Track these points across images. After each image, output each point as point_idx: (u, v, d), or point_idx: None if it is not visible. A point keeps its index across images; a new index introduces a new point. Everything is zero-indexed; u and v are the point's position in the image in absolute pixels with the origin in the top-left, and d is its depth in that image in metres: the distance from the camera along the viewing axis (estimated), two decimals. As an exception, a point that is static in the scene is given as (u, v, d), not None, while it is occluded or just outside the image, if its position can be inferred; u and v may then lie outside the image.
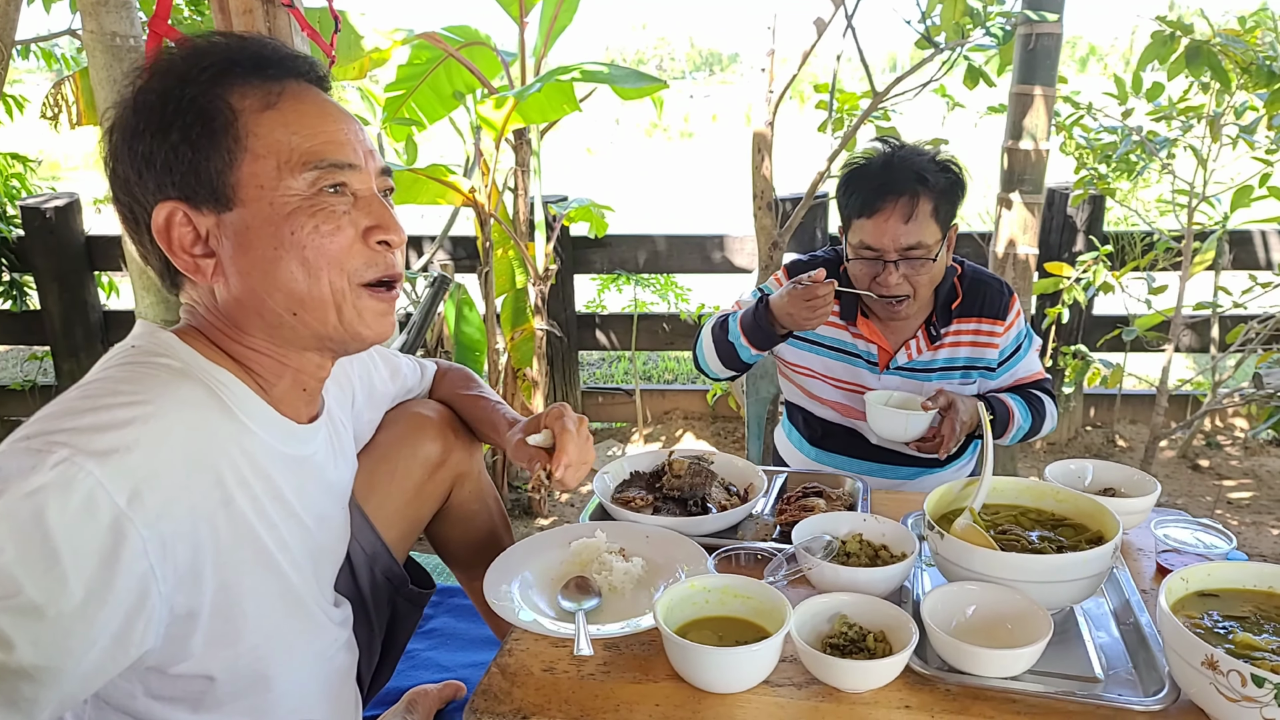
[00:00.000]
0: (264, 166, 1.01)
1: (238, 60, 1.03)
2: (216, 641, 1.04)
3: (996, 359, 2.00)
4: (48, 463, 0.87)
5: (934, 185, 1.83)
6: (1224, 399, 3.46)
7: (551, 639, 1.24)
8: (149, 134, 1.01)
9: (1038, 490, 1.39)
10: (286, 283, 1.03)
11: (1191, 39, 2.72)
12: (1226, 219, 3.60)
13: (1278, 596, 1.13)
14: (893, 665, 1.09)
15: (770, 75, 3.15)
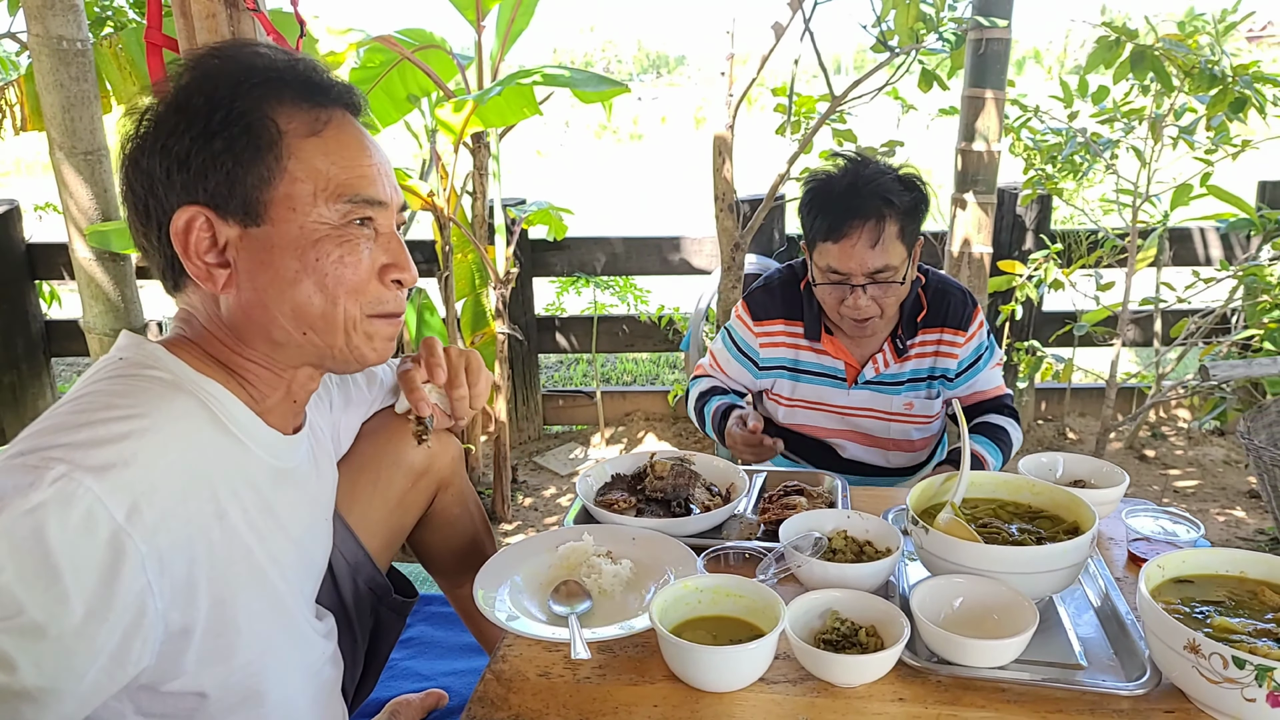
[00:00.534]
0: (300, 190, 1.03)
1: (289, 81, 1.04)
2: (210, 658, 1.03)
3: (955, 369, 2.03)
4: (45, 479, 0.86)
5: (899, 206, 1.83)
6: (1169, 391, 3.57)
7: (545, 644, 1.24)
8: (189, 136, 1.00)
9: (1014, 484, 1.43)
10: (303, 304, 1.05)
11: (1135, 44, 2.80)
12: (1167, 217, 3.72)
13: (1249, 581, 1.18)
14: (886, 659, 1.11)
15: (730, 79, 3.17)
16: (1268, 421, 3.26)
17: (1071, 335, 3.81)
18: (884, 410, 2.06)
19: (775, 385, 2.11)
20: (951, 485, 1.41)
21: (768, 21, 3.17)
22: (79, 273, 3.27)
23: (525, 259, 4.34)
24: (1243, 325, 3.73)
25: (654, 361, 6.08)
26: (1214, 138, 3.16)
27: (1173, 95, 2.95)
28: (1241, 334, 3.60)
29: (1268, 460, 2.99)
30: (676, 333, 4.53)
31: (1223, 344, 3.56)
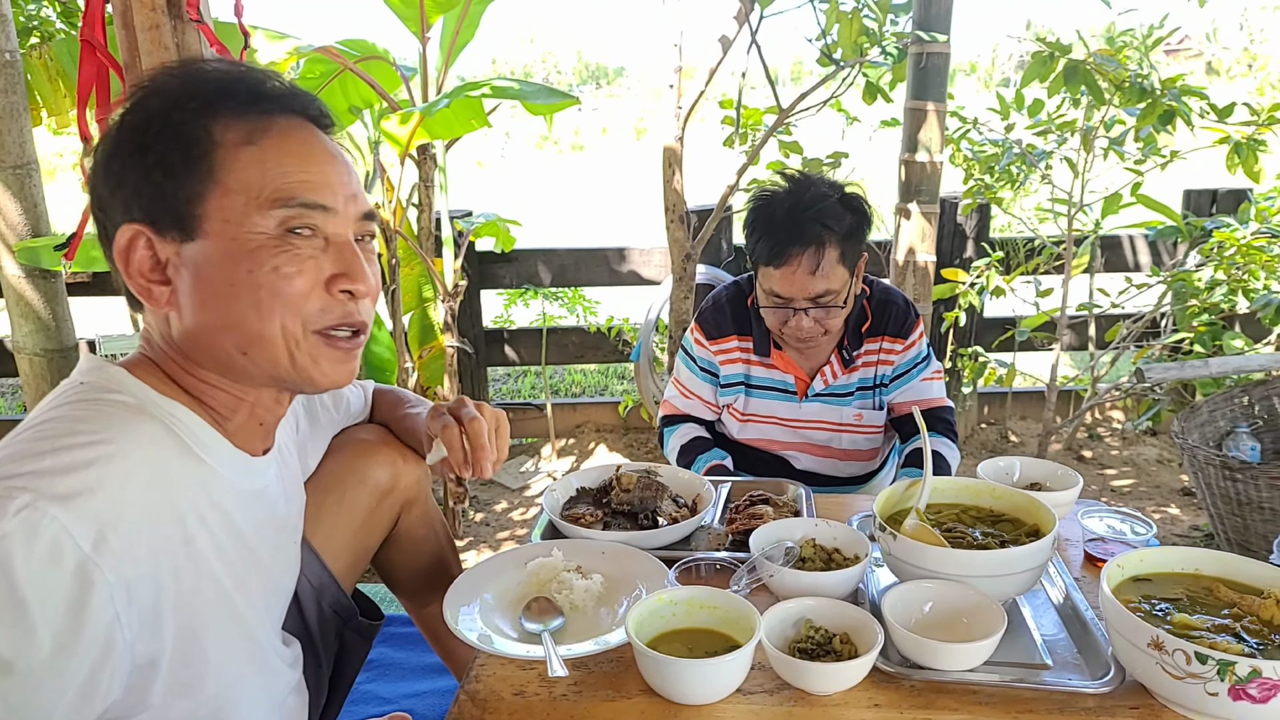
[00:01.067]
0: (233, 201, 0.99)
1: (233, 91, 1.01)
2: (177, 690, 0.99)
3: (891, 374, 2.06)
4: (9, 510, 0.83)
5: (839, 231, 1.85)
6: (1105, 394, 3.68)
7: (519, 662, 1.23)
8: (126, 154, 0.98)
9: (975, 489, 1.46)
10: (237, 321, 1.01)
11: (1069, 59, 2.90)
12: (1099, 225, 3.84)
13: (1204, 578, 1.22)
14: (861, 665, 1.13)
15: (679, 91, 3.20)
16: (1199, 421, 3.38)
17: (1012, 341, 3.91)
18: (834, 421, 2.09)
19: (736, 400, 2.13)
20: (915, 491, 1.43)
21: (712, 34, 3.21)
22: (7, 290, 3.15)
23: (473, 271, 4.31)
24: (1172, 329, 3.87)
25: (602, 373, 6.07)
26: (1143, 149, 3.28)
27: (1103, 108, 3.05)
28: (1172, 337, 3.73)
29: (1201, 459, 3.10)
30: (626, 343, 4.54)
31: (1155, 347, 3.68)
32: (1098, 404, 4.10)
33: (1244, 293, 3.47)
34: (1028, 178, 3.77)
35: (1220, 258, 3.27)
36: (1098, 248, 4.03)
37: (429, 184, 3.72)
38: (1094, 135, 3.35)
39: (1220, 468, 3.02)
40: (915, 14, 3.24)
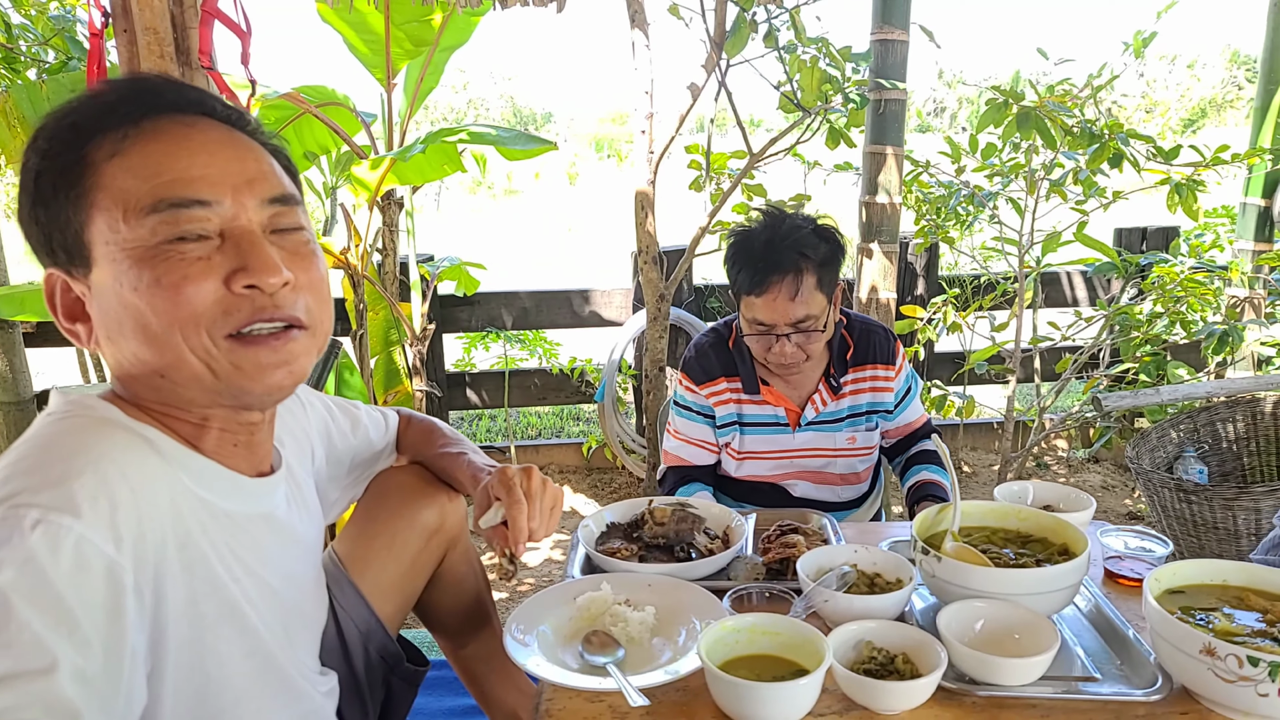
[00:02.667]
0: (108, 220, 0.93)
1: (97, 104, 0.96)
2: (183, 704, 0.98)
3: (893, 401, 2.17)
4: (24, 527, 0.82)
5: (815, 259, 1.94)
6: (1063, 421, 3.84)
7: (585, 695, 1.23)
8: (25, 203, 0.97)
9: (1002, 511, 1.52)
10: (141, 344, 0.95)
11: (1021, 106, 3.06)
12: (1039, 263, 4.03)
13: (1233, 588, 1.30)
14: (929, 683, 1.17)
15: (650, 137, 3.27)
16: (1150, 446, 3.55)
17: (961, 375, 4.06)
18: (828, 448, 2.16)
19: (733, 440, 2.17)
20: (947, 515, 1.49)
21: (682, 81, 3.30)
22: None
23: (435, 315, 4.30)
24: (1111, 361, 4.06)
25: (558, 415, 6.07)
26: (1085, 190, 3.46)
27: (1055, 151, 3.22)
28: (1118, 368, 3.91)
29: (1156, 483, 3.25)
30: (589, 385, 4.56)
31: (1100, 378, 3.86)
32: (1048, 434, 4.27)
33: (1182, 324, 3.68)
34: (976, 218, 3.94)
35: (1162, 291, 3.46)
36: (1039, 284, 4.22)
37: (394, 229, 3.72)
38: (1037, 177, 3.53)
39: (1175, 490, 3.17)
40: (873, 63, 3.38)
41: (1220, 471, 3.62)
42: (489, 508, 1.28)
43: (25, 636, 0.78)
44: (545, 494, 1.27)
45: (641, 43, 3.20)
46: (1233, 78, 30.76)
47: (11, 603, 0.79)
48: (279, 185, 1.01)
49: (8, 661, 0.77)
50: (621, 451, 4.37)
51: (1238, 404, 3.61)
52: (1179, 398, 3.34)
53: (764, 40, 3.17)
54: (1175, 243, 4.31)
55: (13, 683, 0.76)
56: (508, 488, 1.25)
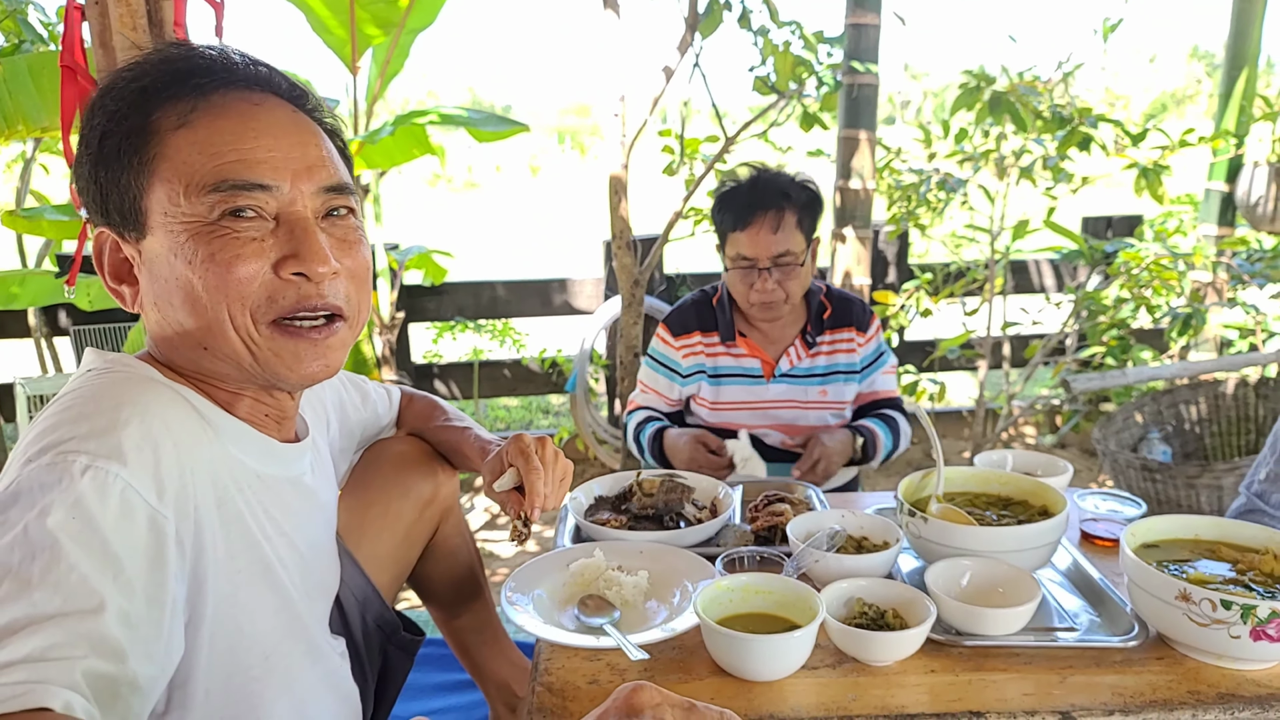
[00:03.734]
0: (169, 191, 0.95)
1: (171, 73, 0.97)
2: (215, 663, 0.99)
3: (859, 364, 2.25)
4: (74, 472, 0.84)
5: (796, 200, 2.08)
6: (1031, 407, 3.91)
7: (584, 654, 1.26)
8: (84, 159, 0.99)
9: (984, 476, 1.56)
10: (187, 315, 0.97)
11: (994, 90, 3.12)
12: (1009, 250, 4.11)
13: (1204, 542, 1.35)
14: (919, 634, 1.20)
15: (623, 121, 3.29)
16: (1116, 429, 3.63)
17: (931, 362, 4.12)
18: (801, 400, 2.25)
19: (700, 390, 2.25)
20: (930, 480, 1.53)
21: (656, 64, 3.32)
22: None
23: (402, 304, 4.28)
24: (1079, 345, 4.15)
25: (525, 407, 6.07)
26: (1054, 176, 3.53)
27: (1026, 137, 3.29)
28: (1082, 353, 3.99)
29: (1123, 463, 3.33)
30: (561, 375, 4.57)
31: (1069, 363, 3.94)
32: (1016, 420, 4.36)
33: (1147, 309, 3.77)
34: (947, 205, 4.01)
35: (1128, 276, 3.54)
36: (1008, 271, 4.30)
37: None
38: (1007, 164, 3.59)
39: (1141, 470, 3.26)
40: (846, 47, 3.43)
41: (1183, 451, 3.72)
42: (502, 474, 1.30)
43: (74, 577, 0.79)
44: (557, 464, 1.32)
45: (614, 24, 3.21)
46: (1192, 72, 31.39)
47: (61, 544, 0.80)
48: (336, 174, 1.03)
49: (57, 600, 0.78)
50: (594, 442, 4.38)
51: (1200, 386, 3.70)
52: (1144, 379, 3.42)
53: (738, 22, 3.19)
54: (1140, 229, 4.41)
55: (62, 621, 0.77)
56: (525, 454, 1.28)
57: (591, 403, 4.50)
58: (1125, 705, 1.13)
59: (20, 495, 0.83)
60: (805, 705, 1.15)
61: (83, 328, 4.02)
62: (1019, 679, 1.19)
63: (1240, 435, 3.68)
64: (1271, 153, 3.86)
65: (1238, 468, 3.08)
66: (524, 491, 1.29)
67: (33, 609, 0.76)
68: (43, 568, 0.79)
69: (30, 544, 0.80)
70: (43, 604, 0.77)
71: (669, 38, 3.27)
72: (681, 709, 0.67)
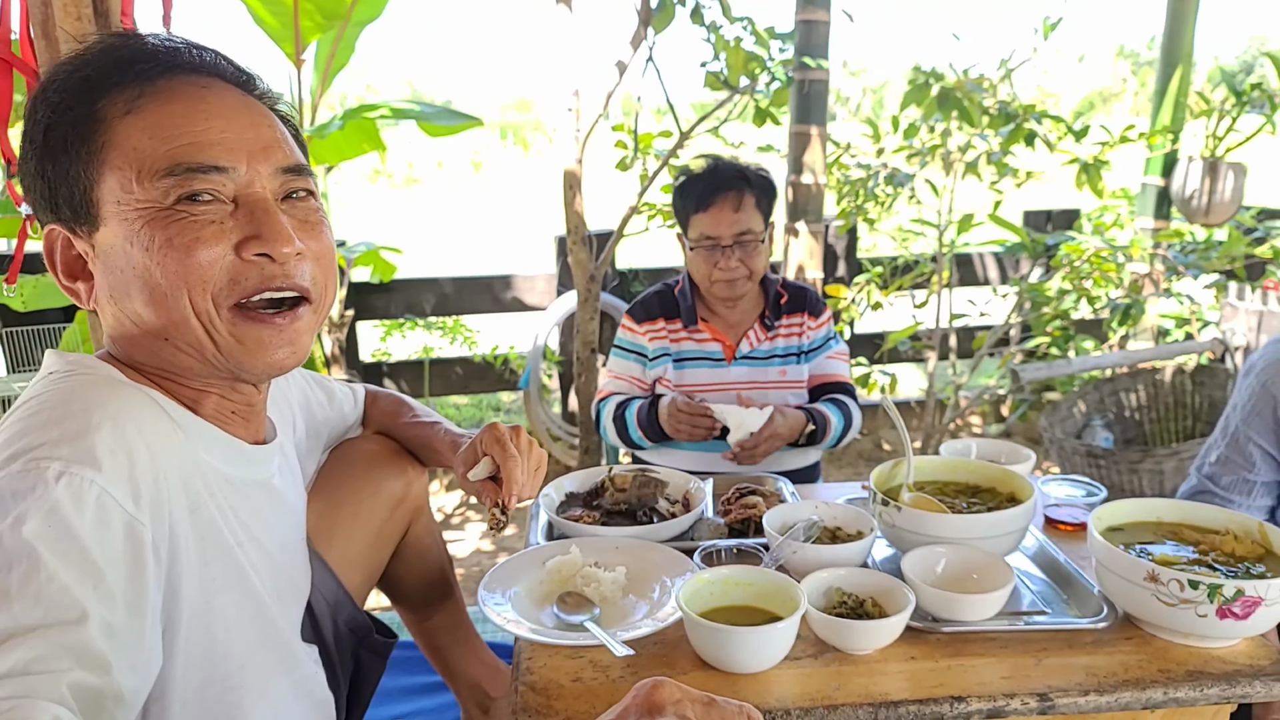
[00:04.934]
0: (121, 179, 0.92)
1: (111, 60, 0.95)
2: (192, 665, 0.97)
3: (810, 345, 2.32)
4: (48, 479, 0.81)
5: (754, 183, 2.18)
6: (979, 397, 3.99)
7: (565, 651, 1.25)
8: (29, 154, 0.96)
9: (952, 465, 1.59)
10: (145, 305, 0.94)
11: (942, 86, 3.18)
12: (954, 244, 4.19)
13: (1166, 524, 1.39)
14: (899, 621, 1.22)
15: (577, 115, 3.27)
16: (1061, 417, 3.72)
17: (880, 355, 4.19)
18: (762, 380, 2.29)
19: (665, 372, 2.29)
20: (901, 470, 1.55)
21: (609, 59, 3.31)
22: None
23: (350, 302, 4.21)
24: (1022, 337, 4.25)
25: (476, 405, 6.01)
26: (998, 171, 3.61)
27: (975, 130, 3.35)
28: (1028, 344, 4.09)
29: (1069, 450, 3.42)
30: (513, 372, 4.53)
31: (1014, 353, 4.03)
32: (965, 410, 4.45)
33: (1088, 300, 3.87)
34: (895, 200, 4.07)
35: (1070, 268, 3.63)
36: (953, 264, 4.39)
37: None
38: (953, 159, 3.66)
39: (1086, 456, 3.35)
40: (797, 42, 3.45)
41: (1124, 438, 3.83)
42: (476, 464, 1.28)
43: (53, 587, 0.77)
44: (532, 453, 1.29)
45: (567, 18, 3.19)
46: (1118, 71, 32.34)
47: (38, 553, 0.77)
48: (292, 154, 1.01)
49: (38, 612, 0.75)
50: (548, 439, 4.36)
51: (1139, 374, 3.82)
52: (1088, 368, 3.52)
53: (690, 17, 3.20)
54: (1078, 223, 4.53)
55: (45, 633, 0.75)
56: (500, 442, 1.25)
57: (544, 399, 4.48)
58: (1100, 685, 1.16)
59: None
60: (790, 696, 1.16)
61: (13, 329, 3.87)
62: (996, 663, 1.21)
63: (1178, 421, 3.80)
64: (1205, 148, 3.99)
65: (1178, 453, 3.18)
66: (499, 481, 1.27)
67: (13, 621, 0.74)
68: (21, 578, 0.76)
69: (6, 554, 0.77)
70: (23, 616, 0.74)
71: (622, 33, 3.26)
72: (702, 704, 0.66)
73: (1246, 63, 26.56)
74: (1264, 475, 1.74)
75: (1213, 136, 4.01)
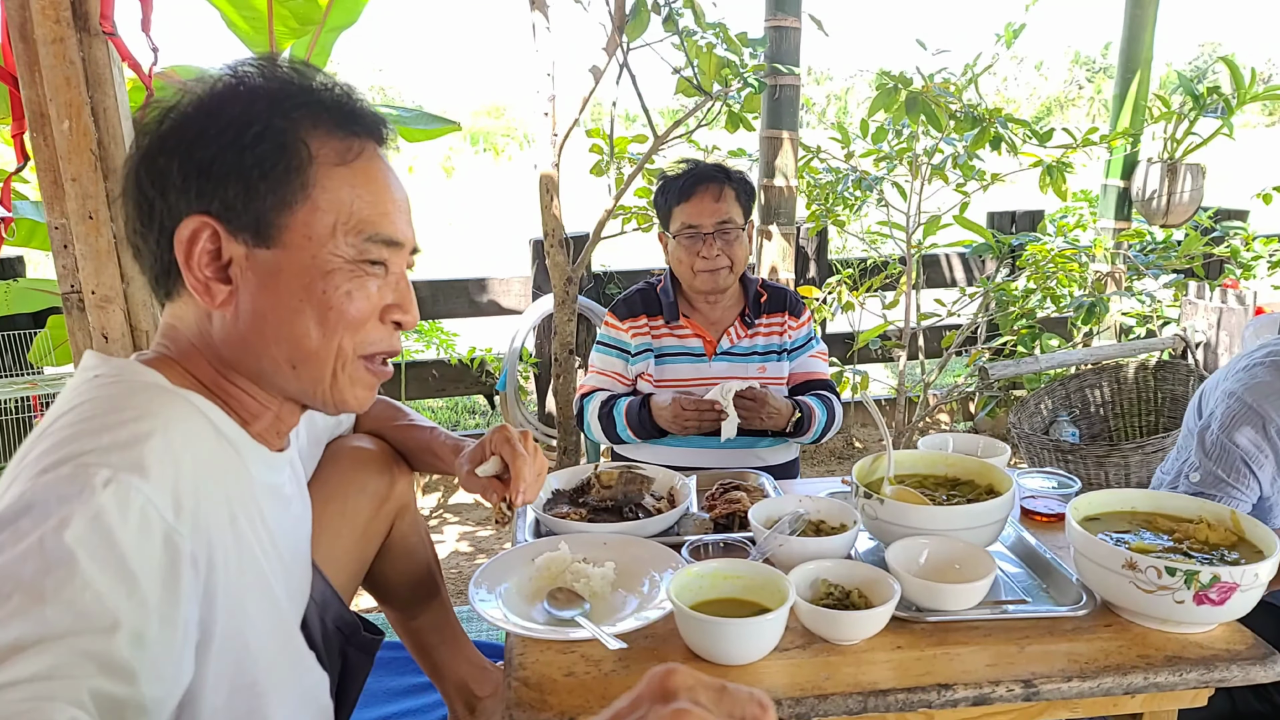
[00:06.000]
0: (321, 220, 0.99)
1: (326, 105, 1.01)
2: (221, 676, 0.97)
3: (792, 344, 2.36)
4: (95, 484, 0.81)
5: (734, 178, 2.25)
6: (949, 395, 4.05)
7: (556, 646, 1.26)
8: (218, 145, 0.95)
9: (931, 459, 1.62)
10: (300, 336, 1.01)
11: (910, 90, 3.22)
12: (921, 245, 4.25)
13: (1141, 513, 1.43)
14: (885, 611, 1.24)
15: (553, 120, 3.28)
16: (1028, 413, 3.79)
17: (852, 355, 4.23)
18: (741, 376, 2.31)
19: (647, 367, 2.32)
20: (881, 464, 1.57)
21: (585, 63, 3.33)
22: None
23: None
24: (989, 335, 4.31)
25: (452, 408, 5.99)
26: (964, 174, 3.67)
27: (942, 134, 3.40)
28: (998, 341, 4.16)
29: (1037, 445, 3.48)
30: (490, 374, 4.53)
31: (983, 352, 4.10)
32: (934, 408, 4.52)
33: (1052, 299, 3.94)
34: (864, 202, 4.12)
35: (1035, 268, 3.70)
36: (920, 265, 4.45)
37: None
38: (920, 162, 3.72)
39: (1054, 451, 3.41)
40: (768, 49, 3.49)
41: (1090, 433, 3.91)
42: (483, 462, 1.34)
43: (88, 595, 0.77)
44: (536, 458, 1.35)
45: (542, 24, 3.21)
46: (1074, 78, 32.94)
47: (77, 559, 0.77)
48: (415, 237, 1.11)
49: (68, 619, 0.75)
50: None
51: (1103, 371, 3.90)
52: (1055, 365, 3.58)
53: (663, 24, 3.22)
54: (1042, 224, 4.61)
55: (73, 640, 0.75)
56: (510, 442, 1.33)
57: (522, 401, 4.47)
58: (1082, 671, 1.19)
59: (34, 505, 0.80)
60: (781, 686, 1.18)
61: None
62: (980, 651, 1.24)
63: (1141, 416, 3.88)
64: (1164, 151, 4.08)
65: (1142, 446, 3.25)
66: (504, 479, 1.33)
67: (44, 627, 0.74)
68: (57, 583, 0.76)
69: (45, 556, 0.77)
70: (55, 622, 0.75)
71: (597, 39, 3.28)
72: (714, 690, 0.68)
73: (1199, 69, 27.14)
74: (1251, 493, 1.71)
75: (1171, 139, 4.11)
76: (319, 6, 3.43)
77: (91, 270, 1.86)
